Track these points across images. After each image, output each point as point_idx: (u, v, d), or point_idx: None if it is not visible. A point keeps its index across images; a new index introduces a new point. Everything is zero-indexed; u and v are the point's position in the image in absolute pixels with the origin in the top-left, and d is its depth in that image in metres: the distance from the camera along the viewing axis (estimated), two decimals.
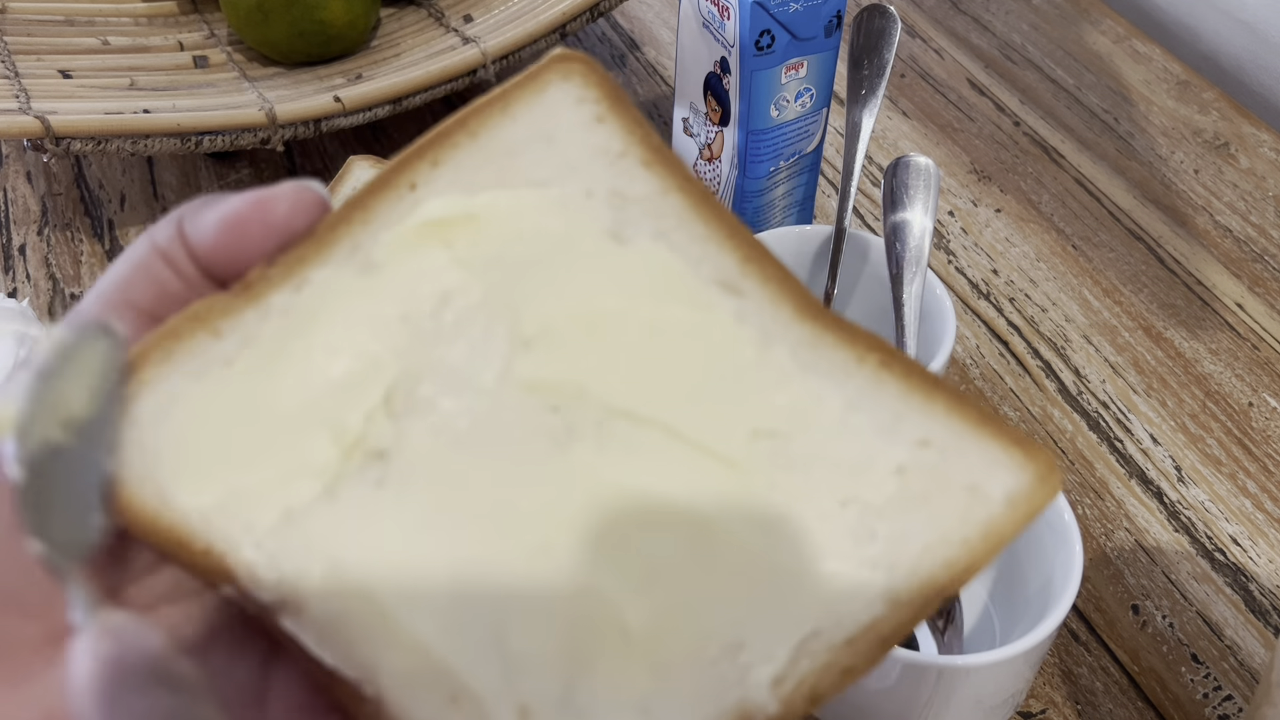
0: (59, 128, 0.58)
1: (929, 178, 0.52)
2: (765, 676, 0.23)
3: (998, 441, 0.24)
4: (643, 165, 0.26)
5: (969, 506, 0.23)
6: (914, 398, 0.24)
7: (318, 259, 0.25)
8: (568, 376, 0.24)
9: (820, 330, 0.25)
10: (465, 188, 0.25)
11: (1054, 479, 0.24)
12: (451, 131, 0.26)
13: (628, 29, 0.83)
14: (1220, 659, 0.48)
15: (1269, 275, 0.64)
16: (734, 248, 0.25)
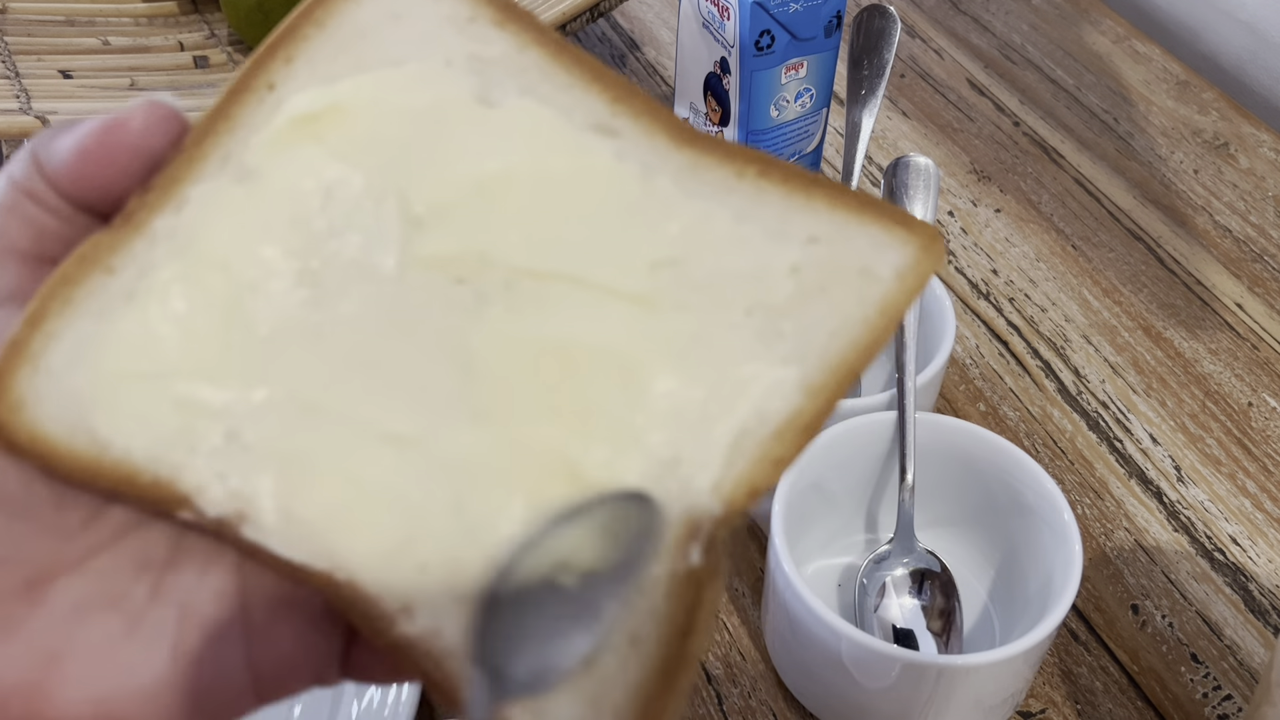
0: None
1: (929, 178, 0.52)
2: (705, 483, 0.24)
3: (880, 223, 0.25)
4: (495, 25, 0.26)
5: (863, 288, 0.25)
6: (796, 199, 0.25)
7: (191, 175, 0.25)
8: (466, 246, 0.25)
9: (697, 154, 0.26)
10: (324, 79, 0.25)
11: (937, 247, 0.25)
12: (299, 25, 0.26)
13: (628, 29, 0.83)
14: (1220, 658, 0.48)
15: (1269, 275, 0.64)
16: (601, 90, 0.26)
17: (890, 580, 0.46)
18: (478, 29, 0.26)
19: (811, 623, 0.41)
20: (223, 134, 0.25)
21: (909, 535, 0.46)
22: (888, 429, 0.47)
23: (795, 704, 0.47)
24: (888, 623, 0.45)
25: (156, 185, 0.24)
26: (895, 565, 0.46)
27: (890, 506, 0.49)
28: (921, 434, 0.46)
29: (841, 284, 0.25)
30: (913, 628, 0.45)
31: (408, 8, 0.26)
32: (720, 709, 0.46)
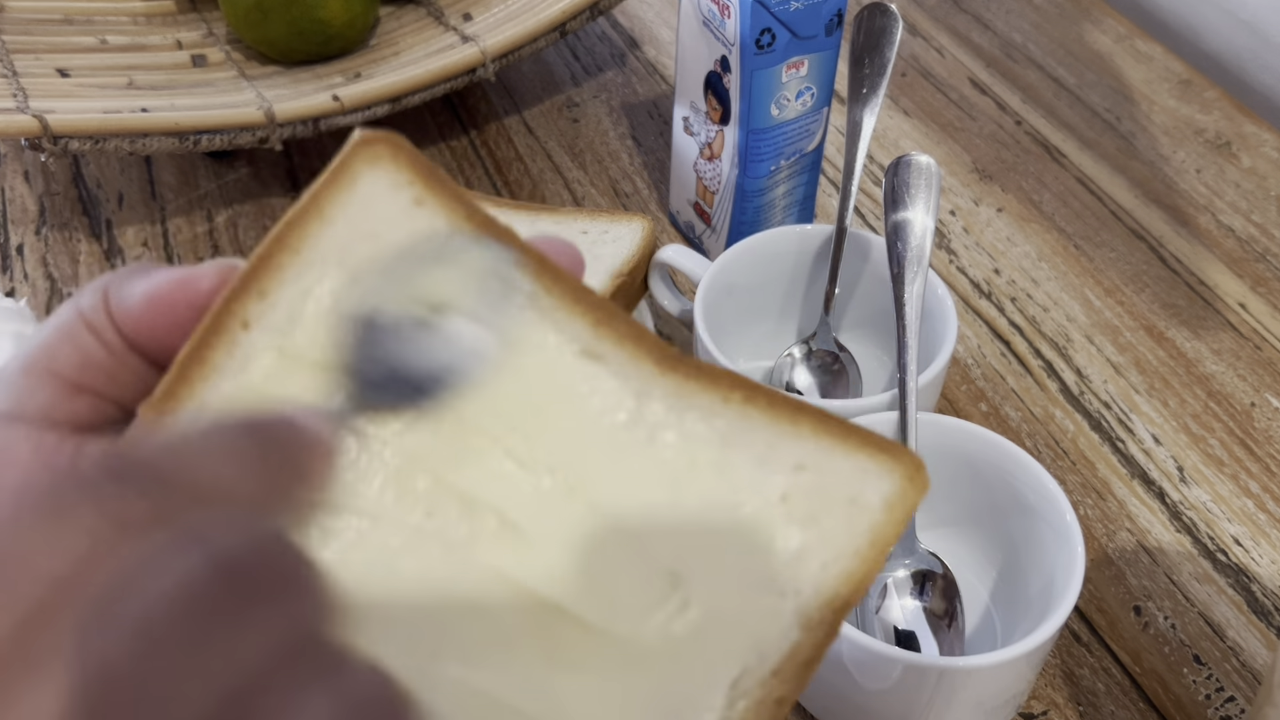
0: (57, 127, 0.58)
1: (930, 177, 0.51)
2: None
3: (865, 451, 0.25)
4: (475, 240, 0.26)
5: (853, 518, 0.24)
6: (781, 425, 0.25)
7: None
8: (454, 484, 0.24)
9: (683, 378, 0.25)
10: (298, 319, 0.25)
11: (921, 476, 0.25)
12: (273, 253, 0.25)
13: (628, 28, 0.83)
14: (1222, 660, 0.48)
15: (1271, 275, 0.64)
16: (584, 312, 0.26)
17: (891, 581, 0.46)
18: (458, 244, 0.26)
19: None
20: (196, 381, 0.24)
21: (910, 536, 0.46)
22: (889, 429, 0.46)
23: (795, 704, 0.46)
24: (889, 624, 0.45)
25: (129, 434, 0.24)
26: (896, 566, 0.46)
27: None
28: (923, 434, 0.46)
29: (831, 513, 0.24)
30: (914, 629, 0.45)
31: (383, 226, 0.25)
32: None
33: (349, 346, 0.23)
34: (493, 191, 0.70)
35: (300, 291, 0.25)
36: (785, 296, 0.58)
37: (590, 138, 0.74)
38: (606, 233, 0.56)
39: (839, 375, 0.55)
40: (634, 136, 0.74)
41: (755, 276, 0.56)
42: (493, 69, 0.67)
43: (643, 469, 0.25)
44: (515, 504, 0.24)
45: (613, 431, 0.25)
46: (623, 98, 0.77)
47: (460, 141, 0.74)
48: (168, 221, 0.68)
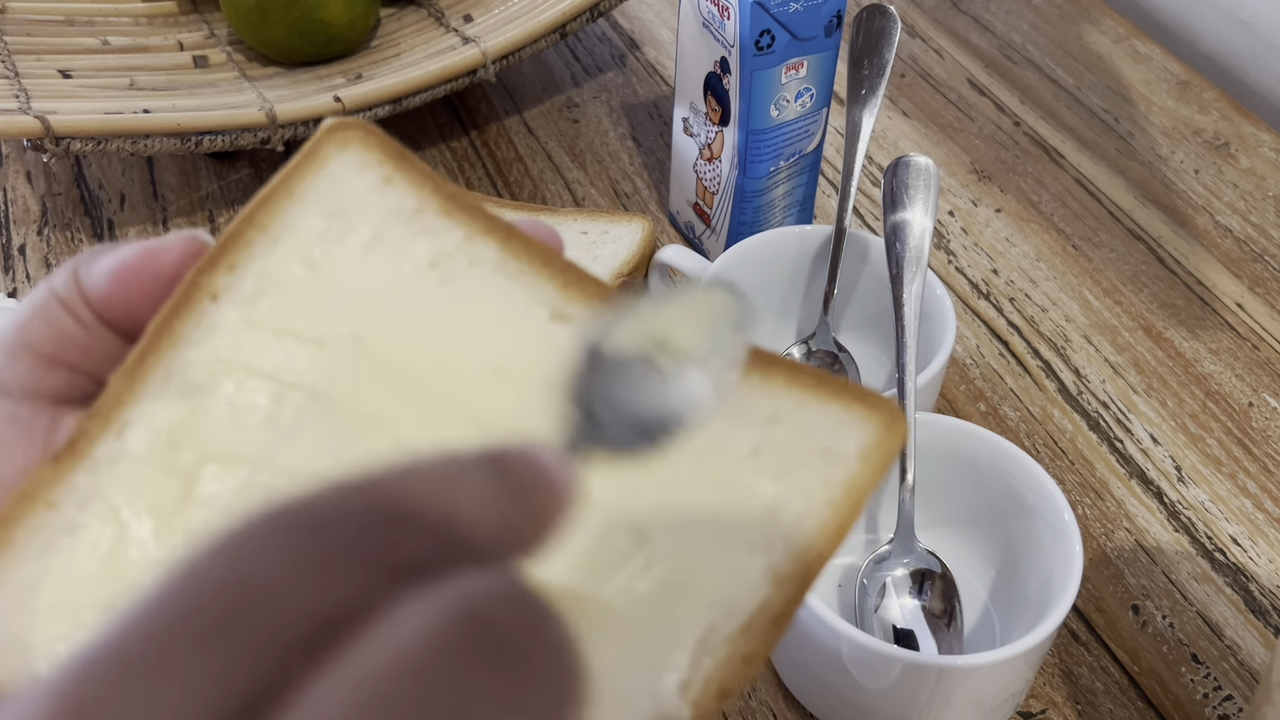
0: (59, 128, 0.58)
1: (929, 177, 0.52)
2: (673, 684, 0.22)
3: (839, 401, 0.24)
4: (443, 215, 0.26)
5: (827, 469, 0.24)
6: (753, 378, 0.24)
7: (133, 396, 0.24)
8: (417, 448, 0.24)
9: None
10: (267, 290, 0.25)
11: (899, 425, 0.24)
12: (242, 230, 0.25)
13: (628, 29, 0.83)
14: (1220, 659, 0.48)
15: (1269, 275, 0.64)
16: (550, 276, 0.26)
17: (890, 580, 0.46)
18: (426, 220, 0.26)
19: (811, 623, 0.41)
20: (165, 350, 0.25)
21: (909, 535, 0.46)
22: None
23: (795, 704, 0.46)
24: (888, 623, 0.45)
25: (100, 410, 0.24)
26: (895, 565, 0.46)
27: (890, 506, 0.49)
28: (922, 434, 0.46)
29: (804, 465, 0.24)
30: (913, 628, 0.45)
31: (352, 204, 0.26)
32: None
33: (580, 380, 0.22)
34: (493, 192, 0.70)
35: (266, 265, 0.25)
36: (785, 297, 0.58)
37: (590, 138, 0.74)
38: (606, 233, 0.56)
39: (838, 375, 0.55)
40: (634, 137, 0.74)
41: (755, 277, 0.56)
42: (493, 70, 0.67)
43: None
44: None
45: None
46: (623, 98, 0.77)
47: (461, 142, 0.74)
48: (169, 222, 0.69)
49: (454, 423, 0.24)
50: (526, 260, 0.26)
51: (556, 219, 0.57)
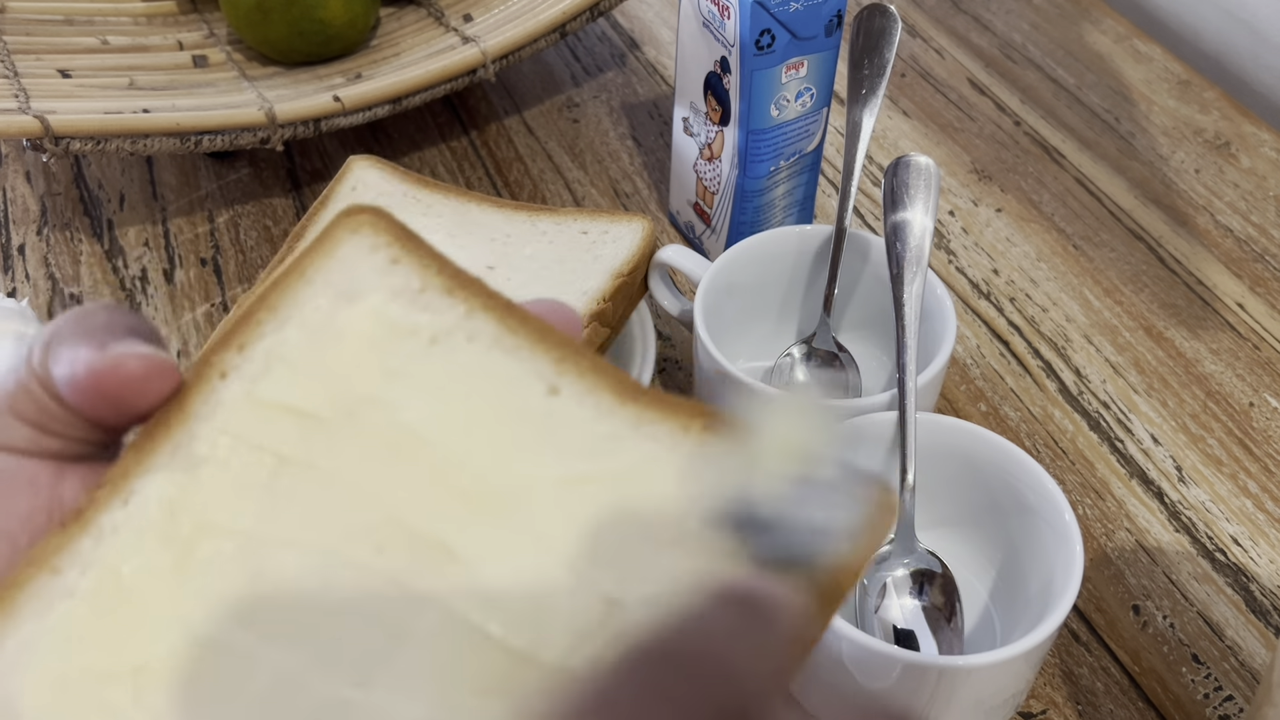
0: (58, 127, 0.58)
1: (929, 177, 0.52)
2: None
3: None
4: (445, 294, 0.27)
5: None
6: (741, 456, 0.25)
7: (141, 469, 0.25)
8: (406, 520, 0.25)
9: (642, 409, 0.26)
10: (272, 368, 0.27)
11: (890, 504, 0.24)
12: (254, 311, 0.27)
13: (628, 29, 0.83)
14: (1221, 659, 0.48)
15: (1270, 275, 0.64)
16: (546, 350, 0.26)
17: (891, 581, 0.46)
18: (429, 298, 0.27)
19: None
20: (175, 425, 0.26)
21: (909, 535, 0.46)
22: (888, 429, 0.47)
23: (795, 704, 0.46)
24: (888, 623, 0.45)
25: (108, 480, 0.25)
26: (896, 565, 0.46)
27: None
28: (922, 434, 0.46)
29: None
30: (913, 628, 0.45)
31: (361, 285, 0.27)
32: None
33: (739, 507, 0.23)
34: (493, 192, 0.70)
35: (274, 344, 0.27)
36: (785, 297, 0.58)
37: (590, 138, 0.74)
38: (606, 233, 0.56)
39: (838, 375, 0.55)
40: (634, 137, 0.74)
41: (755, 277, 0.56)
42: (493, 69, 0.67)
43: (595, 500, 0.25)
44: (462, 538, 0.25)
45: (567, 462, 0.25)
46: (623, 98, 0.77)
47: (460, 142, 0.74)
48: (169, 222, 0.69)
49: (445, 495, 0.25)
50: (524, 335, 0.27)
51: (556, 219, 0.57)
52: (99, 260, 0.66)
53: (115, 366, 0.24)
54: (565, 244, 0.56)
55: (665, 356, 0.61)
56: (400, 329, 0.27)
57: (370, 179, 0.59)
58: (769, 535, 0.23)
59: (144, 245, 0.67)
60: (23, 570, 0.24)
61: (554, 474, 0.25)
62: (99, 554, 0.25)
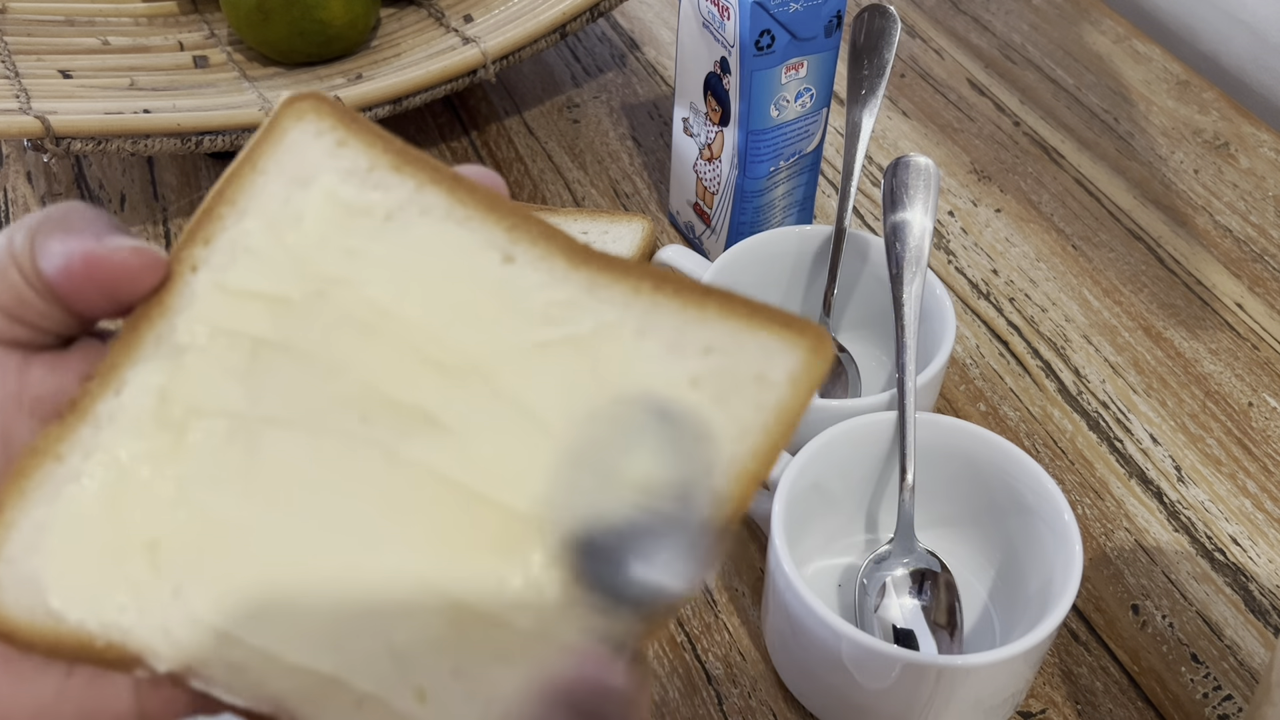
0: (59, 128, 0.58)
1: (929, 178, 0.52)
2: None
3: (769, 329, 0.26)
4: (394, 171, 0.28)
5: (759, 395, 0.26)
6: (690, 311, 0.27)
7: (129, 359, 0.27)
8: (385, 390, 0.27)
9: (594, 272, 0.27)
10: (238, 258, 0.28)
11: (825, 347, 0.26)
12: (213, 206, 0.28)
13: (628, 29, 0.83)
14: (1220, 659, 0.48)
15: (1269, 275, 0.64)
16: (497, 220, 0.28)
17: (890, 580, 0.46)
18: (379, 176, 0.28)
19: (811, 623, 0.41)
20: (155, 318, 0.27)
21: (909, 535, 0.46)
22: (888, 429, 0.47)
23: (795, 704, 0.46)
24: (888, 623, 0.45)
25: (99, 372, 0.27)
26: (895, 565, 0.46)
27: (890, 506, 0.49)
28: (922, 434, 0.46)
29: (739, 392, 0.26)
30: (913, 628, 0.45)
31: (311, 170, 0.28)
32: (720, 709, 0.46)
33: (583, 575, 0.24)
34: None
35: (237, 235, 0.28)
36: (785, 297, 0.58)
37: (590, 138, 0.74)
38: (607, 233, 0.56)
39: (838, 375, 0.55)
40: (634, 137, 0.74)
41: (755, 277, 0.56)
42: (493, 70, 0.67)
43: (560, 363, 0.27)
44: (443, 405, 0.26)
45: (530, 327, 0.27)
46: (623, 99, 0.77)
47: (461, 142, 0.74)
48: (170, 222, 0.69)
49: (418, 365, 0.27)
50: (474, 206, 0.28)
51: (557, 219, 0.57)
52: None
53: (110, 256, 0.26)
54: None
55: None
56: (355, 208, 0.28)
57: None
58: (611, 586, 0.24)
59: None
60: (28, 459, 0.26)
61: (520, 341, 0.27)
62: (99, 441, 0.26)
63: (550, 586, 0.25)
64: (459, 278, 0.27)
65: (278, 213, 0.28)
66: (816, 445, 0.46)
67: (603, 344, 0.27)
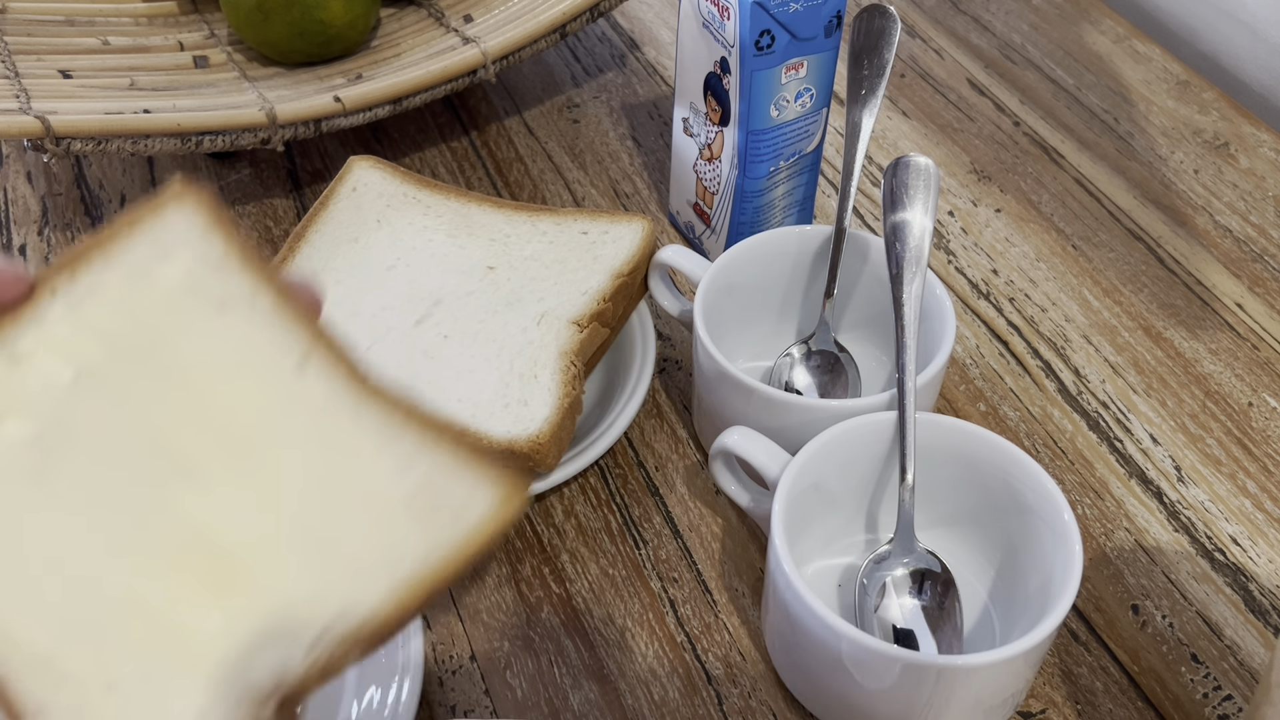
0: (59, 128, 0.58)
1: (929, 178, 0.52)
2: (295, 661, 0.30)
3: (481, 469, 0.32)
4: (240, 269, 0.35)
5: (456, 521, 0.31)
6: (426, 441, 0.33)
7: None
8: (171, 436, 0.33)
9: (363, 395, 0.34)
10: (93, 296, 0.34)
11: (520, 497, 0.32)
12: (90, 250, 0.35)
13: (628, 29, 0.83)
14: (1220, 659, 0.48)
15: (1269, 275, 0.64)
16: (306, 330, 0.34)
17: (890, 580, 0.46)
18: (226, 268, 0.35)
19: (811, 623, 0.41)
20: (7, 325, 0.33)
21: (909, 535, 0.46)
22: (888, 429, 0.47)
23: (795, 704, 0.47)
24: (888, 623, 0.45)
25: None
26: (895, 565, 0.46)
27: (890, 506, 0.49)
28: (921, 434, 0.46)
29: (440, 515, 0.32)
30: (913, 628, 0.45)
31: (175, 247, 0.35)
32: (720, 709, 0.46)
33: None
34: (493, 192, 0.70)
35: (97, 278, 0.34)
36: (784, 297, 0.58)
37: (590, 138, 0.74)
38: (606, 233, 0.56)
39: (838, 375, 0.55)
40: (634, 137, 0.74)
41: (755, 277, 0.56)
42: (493, 70, 0.67)
43: (309, 453, 0.33)
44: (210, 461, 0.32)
45: (299, 422, 0.33)
46: (623, 99, 0.77)
47: (461, 142, 0.74)
48: None
49: (203, 425, 0.33)
50: (291, 313, 0.34)
51: (557, 219, 0.57)
52: None
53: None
54: (565, 244, 0.56)
55: (665, 356, 0.61)
56: (198, 287, 0.35)
57: (371, 179, 0.59)
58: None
59: None
60: None
61: (289, 429, 0.33)
62: None
63: (240, 632, 0.30)
64: (259, 366, 0.34)
65: (137, 271, 0.35)
66: (816, 445, 0.46)
67: (350, 451, 0.33)
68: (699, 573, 0.51)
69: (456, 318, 0.53)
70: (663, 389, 0.59)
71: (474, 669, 0.48)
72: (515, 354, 0.51)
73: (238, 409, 0.33)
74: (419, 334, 0.52)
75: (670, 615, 0.50)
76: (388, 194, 0.58)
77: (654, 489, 0.54)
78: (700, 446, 0.56)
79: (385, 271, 0.55)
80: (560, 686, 0.47)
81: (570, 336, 0.51)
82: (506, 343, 0.52)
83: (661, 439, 0.57)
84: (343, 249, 0.56)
